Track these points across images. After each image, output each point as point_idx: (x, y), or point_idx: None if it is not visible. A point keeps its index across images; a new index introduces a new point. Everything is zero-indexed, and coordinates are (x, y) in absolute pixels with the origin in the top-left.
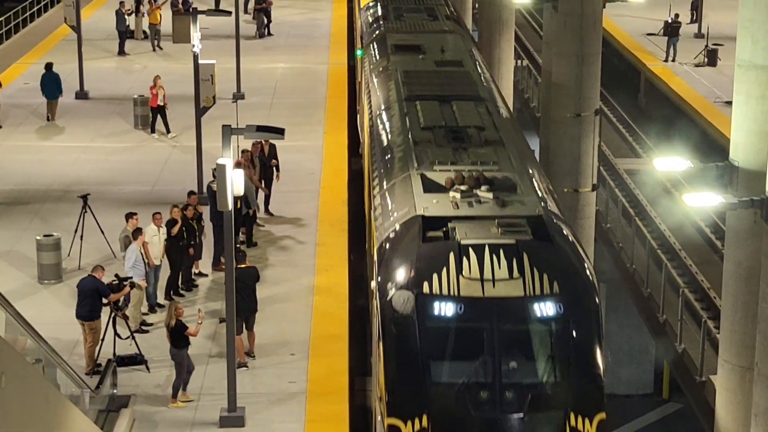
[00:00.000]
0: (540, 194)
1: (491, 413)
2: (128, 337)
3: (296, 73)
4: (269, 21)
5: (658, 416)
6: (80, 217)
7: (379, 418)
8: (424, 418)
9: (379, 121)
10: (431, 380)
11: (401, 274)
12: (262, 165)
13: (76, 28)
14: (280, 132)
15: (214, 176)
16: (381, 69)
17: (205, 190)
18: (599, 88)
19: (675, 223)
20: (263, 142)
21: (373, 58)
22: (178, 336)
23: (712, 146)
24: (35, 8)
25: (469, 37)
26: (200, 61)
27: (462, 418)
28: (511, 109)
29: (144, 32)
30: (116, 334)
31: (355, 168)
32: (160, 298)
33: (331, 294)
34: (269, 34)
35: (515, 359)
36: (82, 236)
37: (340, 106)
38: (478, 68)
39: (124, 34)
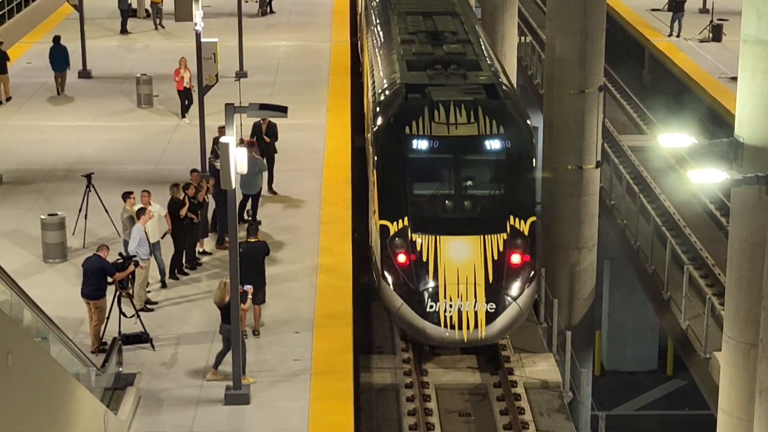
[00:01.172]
0: (496, 71)
1: (453, 215)
2: (133, 316)
3: (299, 51)
4: None
5: (663, 393)
6: (84, 196)
7: (373, 223)
8: (405, 219)
9: (376, 30)
10: (410, 193)
11: (390, 121)
12: (263, 143)
13: (79, 7)
14: (283, 110)
15: (213, 153)
16: None
17: (207, 168)
18: (603, 64)
19: (679, 200)
20: (262, 120)
21: None
22: (229, 312)
23: (717, 122)
24: None
25: None
26: (203, 40)
27: (432, 218)
28: (480, 24)
29: (146, 11)
30: (121, 312)
31: (357, 146)
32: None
33: (335, 273)
34: (271, 11)
35: (471, 178)
36: (86, 215)
37: (343, 84)
38: None
39: (126, 12)
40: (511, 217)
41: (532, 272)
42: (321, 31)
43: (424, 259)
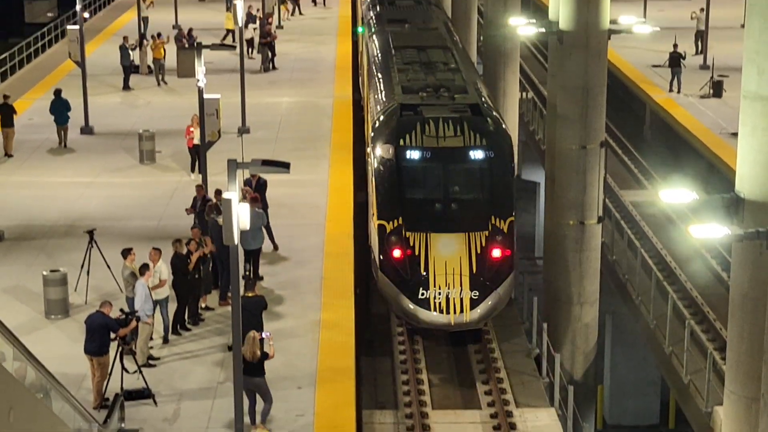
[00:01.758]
0: (480, 95)
1: (442, 215)
2: (135, 372)
3: (301, 106)
4: (274, 55)
5: None
6: (86, 252)
7: (372, 224)
8: (399, 219)
9: (375, 61)
10: (404, 197)
11: (386, 135)
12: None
13: (81, 64)
14: (285, 166)
15: (211, 210)
16: (378, 32)
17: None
18: (604, 119)
19: (681, 255)
20: (251, 176)
21: (372, 28)
22: (260, 366)
23: (718, 178)
24: (39, 44)
25: (444, 14)
26: (205, 96)
27: (423, 218)
28: (473, 58)
29: (148, 67)
30: (123, 368)
31: (360, 201)
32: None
33: (337, 328)
34: (274, 68)
35: (457, 184)
36: (88, 271)
37: (346, 140)
38: (447, 31)
39: (129, 69)
40: (493, 217)
41: (511, 265)
42: (323, 88)
43: (417, 253)
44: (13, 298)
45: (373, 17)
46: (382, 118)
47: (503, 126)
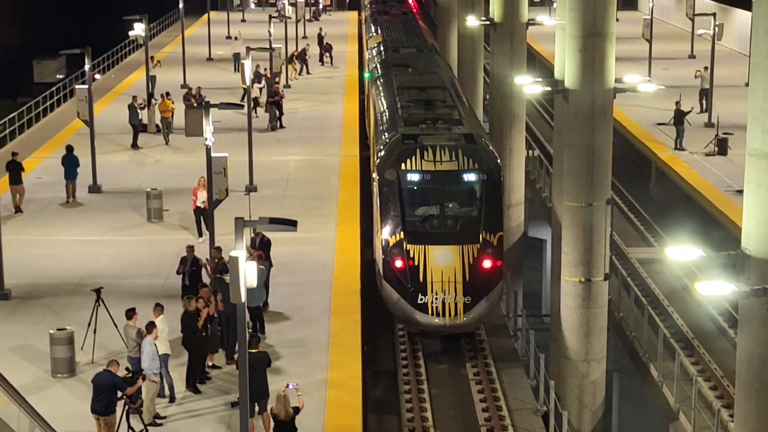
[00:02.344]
0: (474, 126)
1: (438, 230)
2: (142, 431)
3: (308, 165)
4: (281, 114)
5: None
6: (93, 310)
7: (376, 239)
8: (402, 233)
9: (380, 101)
10: (405, 214)
11: (390, 160)
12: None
13: (89, 123)
14: (292, 224)
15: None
16: (383, 75)
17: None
18: (610, 177)
19: (688, 312)
20: (255, 234)
21: (378, 72)
22: (293, 425)
23: (723, 235)
24: (48, 103)
25: (443, 61)
26: (213, 154)
27: (422, 233)
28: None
29: (157, 125)
30: (130, 427)
31: (367, 258)
32: (179, 387)
33: (344, 387)
34: (281, 126)
35: (452, 203)
36: (95, 330)
37: (353, 198)
38: (445, 73)
39: (137, 127)
40: (483, 232)
41: (500, 274)
42: (330, 146)
43: (416, 264)
44: (19, 357)
45: (378, 63)
46: (386, 146)
47: (494, 153)
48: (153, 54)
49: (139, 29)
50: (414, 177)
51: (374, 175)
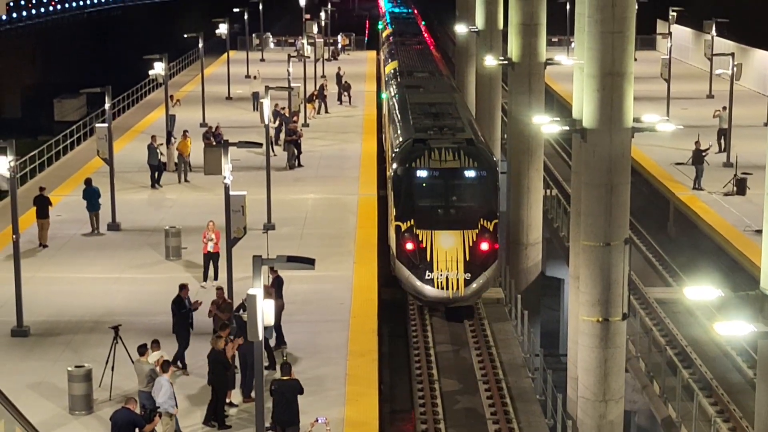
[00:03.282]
0: (475, 133)
1: (443, 217)
2: None
3: (326, 203)
4: (299, 152)
5: None
6: (111, 347)
7: (391, 226)
8: (412, 220)
9: (396, 113)
10: (416, 204)
11: (403, 159)
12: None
13: (109, 161)
14: (310, 262)
15: (240, 307)
16: (398, 93)
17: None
18: (628, 216)
19: (706, 352)
20: (271, 272)
21: (393, 92)
22: None
23: (742, 275)
24: (68, 141)
25: (452, 82)
26: (231, 193)
27: (430, 220)
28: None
29: (175, 164)
30: None
31: (384, 298)
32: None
33: (362, 426)
34: (299, 165)
35: (455, 195)
36: (113, 367)
37: (371, 237)
38: (453, 92)
39: (156, 167)
40: (481, 219)
41: (496, 255)
42: (348, 185)
43: (424, 246)
44: (37, 393)
45: (394, 85)
46: (400, 148)
47: (491, 154)
48: (173, 93)
49: (159, 68)
50: (422, 173)
51: (389, 172)
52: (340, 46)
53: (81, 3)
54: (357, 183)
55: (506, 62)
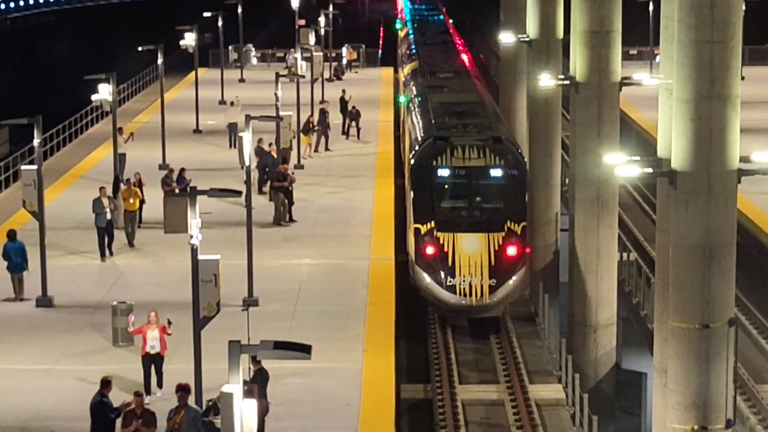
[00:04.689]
0: (503, 130)
1: (467, 220)
2: None
3: (327, 271)
4: (291, 203)
5: None
6: None
7: (409, 229)
8: (432, 222)
9: (416, 112)
10: (437, 205)
11: (423, 156)
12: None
13: (38, 215)
14: (305, 350)
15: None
16: (420, 95)
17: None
18: (734, 290)
19: None
20: (252, 363)
21: (413, 91)
22: None
23: None
24: None
25: (480, 81)
26: (200, 257)
27: (452, 222)
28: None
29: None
30: None
31: (406, 397)
32: None
33: None
34: (291, 220)
35: (480, 195)
36: None
37: (386, 316)
38: (480, 90)
39: (105, 230)
40: (508, 221)
41: (524, 260)
42: (357, 247)
43: (445, 250)
44: None
45: (415, 86)
46: (419, 145)
47: (520, 152)
48: (123, 124)
49: (105, 92)
50: (443, 172)
51: (407, 170)
52: (345, 61)
53: (1, 5)
54: (368, 244)
55: (568, 82)
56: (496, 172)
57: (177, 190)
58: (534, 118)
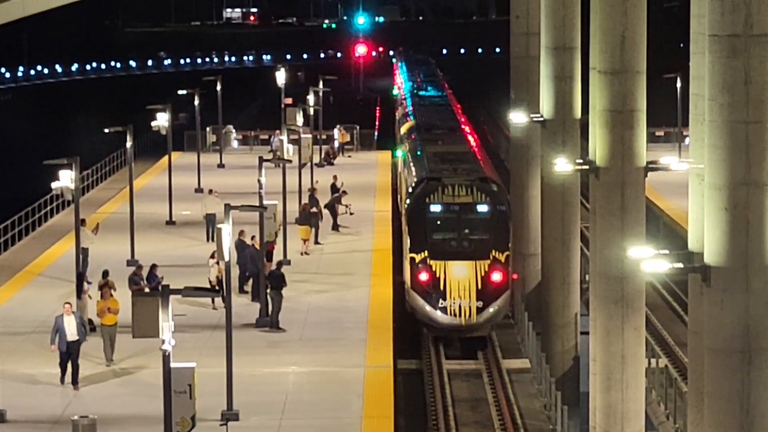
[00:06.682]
0: (490, 173)
1: (457, 249)
2: None
3: (317, 380)
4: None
5: None
6: None
7: (405, 258)
8: (425, 252)
9: (411, 158)
10: (430, 236)
11: (418, 194)
12: None
13: None
14: None
15: None
16: (415, 146)
17: None
18: None
19: None
20: None
21: (409, 145)
22: None
23: None
24: None
25: (473, 135)
26: (173, 365)
27: (443, 251)
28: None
29: (90, 321)
30: None
31: None
32: None
33: None
34: (276, 325)
35: (468, 228)
36: None
37: (385, 431)
38: (471, 141)
39: (70, 353)
40: (493, 251)
41: (507, 285)
42: (350, 352)
43: (438, 276)
44: None
45: (411, 141)
46: (414, 184)
47: (504, 191)
48: (86, 216)
49: (66, 179)
50: (436, 208)
51: (402, 208)
52: (337, 144)
53: None
54: (363, 349)
55: (587, 167)
56: (483, 208)
57: (147, 290)
58: (549, 207)
